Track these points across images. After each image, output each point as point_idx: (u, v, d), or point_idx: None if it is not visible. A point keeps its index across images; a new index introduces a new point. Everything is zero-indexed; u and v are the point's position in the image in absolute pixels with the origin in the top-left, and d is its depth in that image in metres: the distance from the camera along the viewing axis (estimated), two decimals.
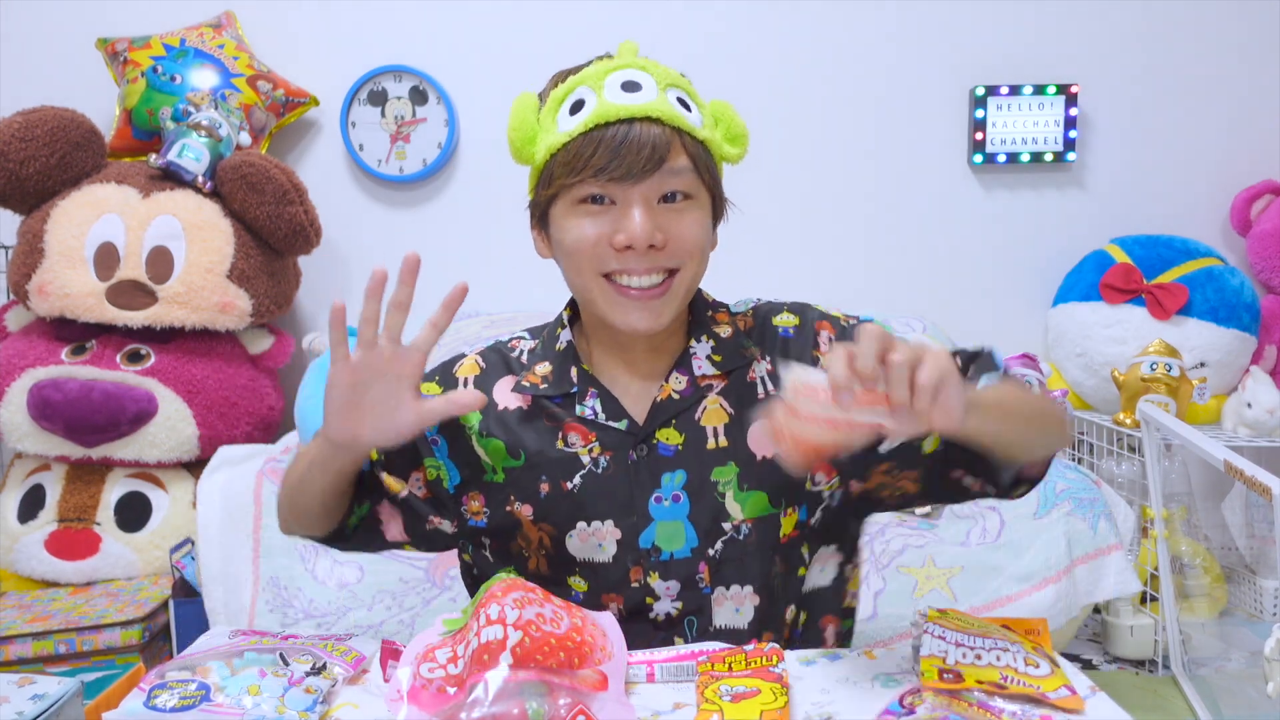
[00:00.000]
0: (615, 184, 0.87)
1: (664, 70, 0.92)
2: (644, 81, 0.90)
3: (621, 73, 0.90)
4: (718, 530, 0.94)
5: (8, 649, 1.72)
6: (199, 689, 0.75)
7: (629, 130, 0.87)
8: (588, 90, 0.90)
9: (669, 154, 0.87)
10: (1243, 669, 2.03)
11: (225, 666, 0.77)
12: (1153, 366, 2.19)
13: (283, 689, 0.75)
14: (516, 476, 0.97)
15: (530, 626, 0.75)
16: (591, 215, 0.90)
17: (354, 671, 0.81)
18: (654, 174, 0.87)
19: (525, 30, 2.53)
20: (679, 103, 0.90)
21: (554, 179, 0.90)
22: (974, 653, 0.76)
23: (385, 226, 2.58)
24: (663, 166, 0.87)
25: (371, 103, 2.52)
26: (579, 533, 0.95)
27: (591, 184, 0.88)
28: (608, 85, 0.89)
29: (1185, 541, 2.21)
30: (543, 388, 0.98)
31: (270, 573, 1.80)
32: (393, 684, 0.77)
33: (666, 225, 0.89)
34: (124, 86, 2.34)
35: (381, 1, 2.53)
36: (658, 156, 0.86)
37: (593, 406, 0.96)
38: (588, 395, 0.97)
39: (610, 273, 0.91)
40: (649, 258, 0.89)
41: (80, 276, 2.08)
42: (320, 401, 0.92)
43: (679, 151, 0.88)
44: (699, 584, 0.94)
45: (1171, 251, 2.42)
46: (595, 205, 0.90)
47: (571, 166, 0.88)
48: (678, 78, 0.93)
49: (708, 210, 0.93)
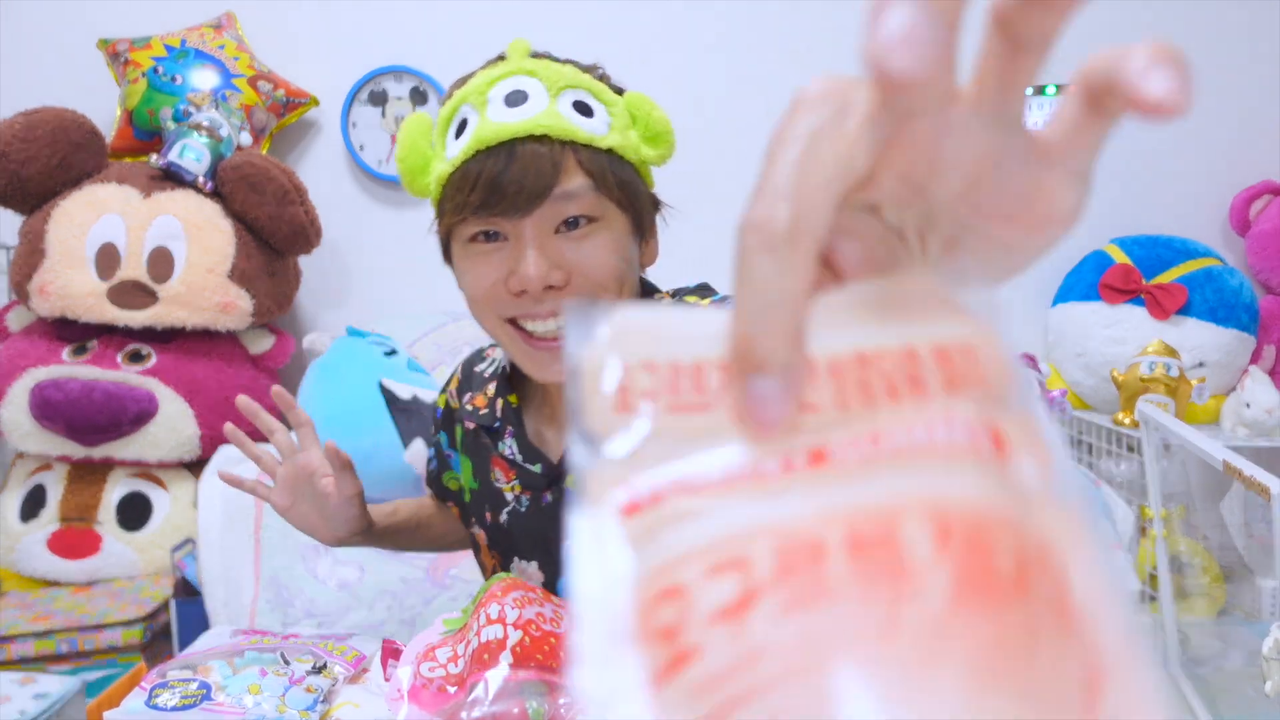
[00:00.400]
0: (501, 219, 0.76)
1: (557, 70, 0.79)
2: (531, 89, 0.77)
3: (506, 82, 0.78)
4: None
5: (10, 648, 1.72)
6: (200, 688, 0.75)
7: (510, 156, 0.74)
8: (470, 109, 0.78)
9: (558, 178, 0.75)
10: (1241, 668, 2.03)
11: (226, 666, 0.78)
12: (1152, 366, 2.20)
13: (283, 688, 0.75)
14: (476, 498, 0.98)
15: (530, 626, 0.75)
16: (484, 254, 0.79)
17: (354, 671, 0.82)
18: (542, 203, 0.75)
19: (525, 31, 2.52)
20: (576, 109, 0.77)
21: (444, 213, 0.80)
22: None
23: (386, 226, 2.58)
24: (551, 193, 0.75)
25: (372, 103, 2.52)
26: (516, 567, 0.93)
27: (474, 222, 0.78)
28: (491, 100, 0.77)
29: (1184, 541, 2.22)
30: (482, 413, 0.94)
31: (271, 572, 1.81)
32: (393, 683, 0.77)
33: (566, 259, 0.77)
34: (125, 87, 2.34)
35: (382, 2, 2.53)
36: (544, 184, 0.74)
37: (511, 446, 0.91)
38: (506, 433, 0.91)
39: (514, 318, 0.81)
40: (549, 300, 0.78)
41: (81, 277, 2.08)
42: (320, 401, 0.94)
43: (572, 171, 0.76)
44: None
45: (1171, 252, 2.43)
46: (487, 243, 0.79)
47: (454, 202, 0.77)
48: (575, 76, 0.80)
49: (622, 228, 0.80)
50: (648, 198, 0.84)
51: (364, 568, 1.86)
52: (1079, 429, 2.43)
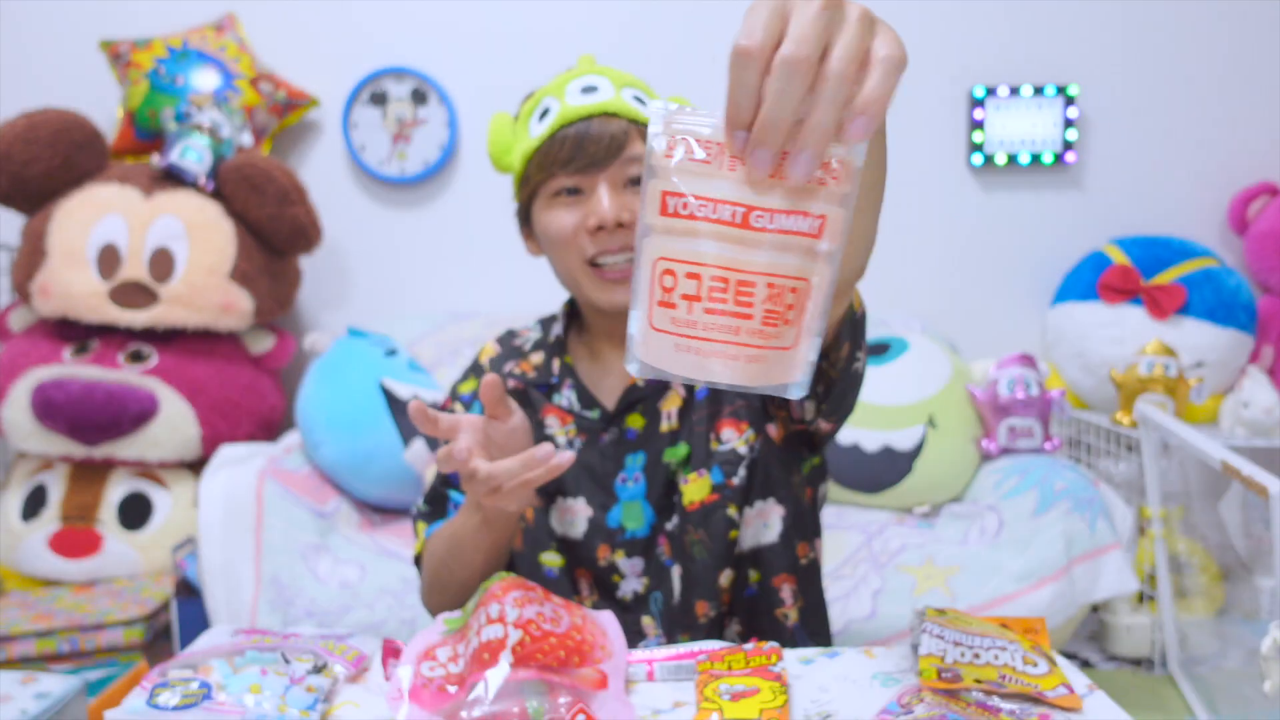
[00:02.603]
0: (581, 174, 0.97)
1: (619, 74, 1.02)
2: (600, 84, 1.00)
3: (580, 79, 1.01)
4: (672, 506, 1.01)
5: (11, 648, 1.72)
6: (200, 687, 0.75)
7: (588, 126, 0.97)
8: (551, 99, 1.00)
9: (627, 142, 0.97)
10: (1240, 667, 2.03)
11: (227, 665, 0.78)
12: (1150, 366, 2.20)
13: (284, 687, 0.75)
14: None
15: (530, 625, 0.75)
16: (566, 206, 0.99)
17: (355, 670, 0.82)
18: (615, 161, 0.96)
19: (525, 31, 2.54)
20: (635, 100, 1.00)
21: (530, 179, 1.00)
22: (972, 651, 0.77)
23: (386, 227, 2.59)
24: (622, 154, 0.96)
25: (373, 104, 2.53)
26: (559, 508, 1.04)
27: (562, 177, 0.98)
28: (569, 91, 0.99)
29: (1183, 541, 2.22)
30: (531, 376, 1.09)
31: (271, 572, 1.81)
32: (393, 683, 0.77)
33: (633, 204, 0.97)
34: (126, 88, 2.35)
35: (382, 3, 2.53)
36: (616, 145, 0.96)
37: (568, 397, 1.06)
38: (565, 386, 1.07)
39: (591, 258, 0.99)
40: (620, 236, 0.97)
41: (83, 277, 2.09)
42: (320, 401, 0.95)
43: (636, 141, 0.98)
44: (660, 557, 1.01)
45: (1169, 252, 2.43)
46: (569, 196, 0.99)
47: (542, 165, 0.98)
48: (632, 79, 1.03)
49: None
50: None
51: (364, 567, 1.87)
52: (1078, 429, 2.43)
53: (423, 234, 2.58)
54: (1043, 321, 2.60)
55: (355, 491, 2.10)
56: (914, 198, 2.59)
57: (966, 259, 2.61)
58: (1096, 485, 1.97)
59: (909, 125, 2.57)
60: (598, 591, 1.02)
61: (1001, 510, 1.95)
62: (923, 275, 2.60)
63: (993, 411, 2.17)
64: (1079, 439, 2.43)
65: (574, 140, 0.96)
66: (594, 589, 1.03)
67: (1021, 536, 1.86)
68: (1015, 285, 2.62)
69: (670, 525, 1.00)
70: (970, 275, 2.61)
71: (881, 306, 2.54)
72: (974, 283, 2.61)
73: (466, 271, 2.57)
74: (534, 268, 1.36)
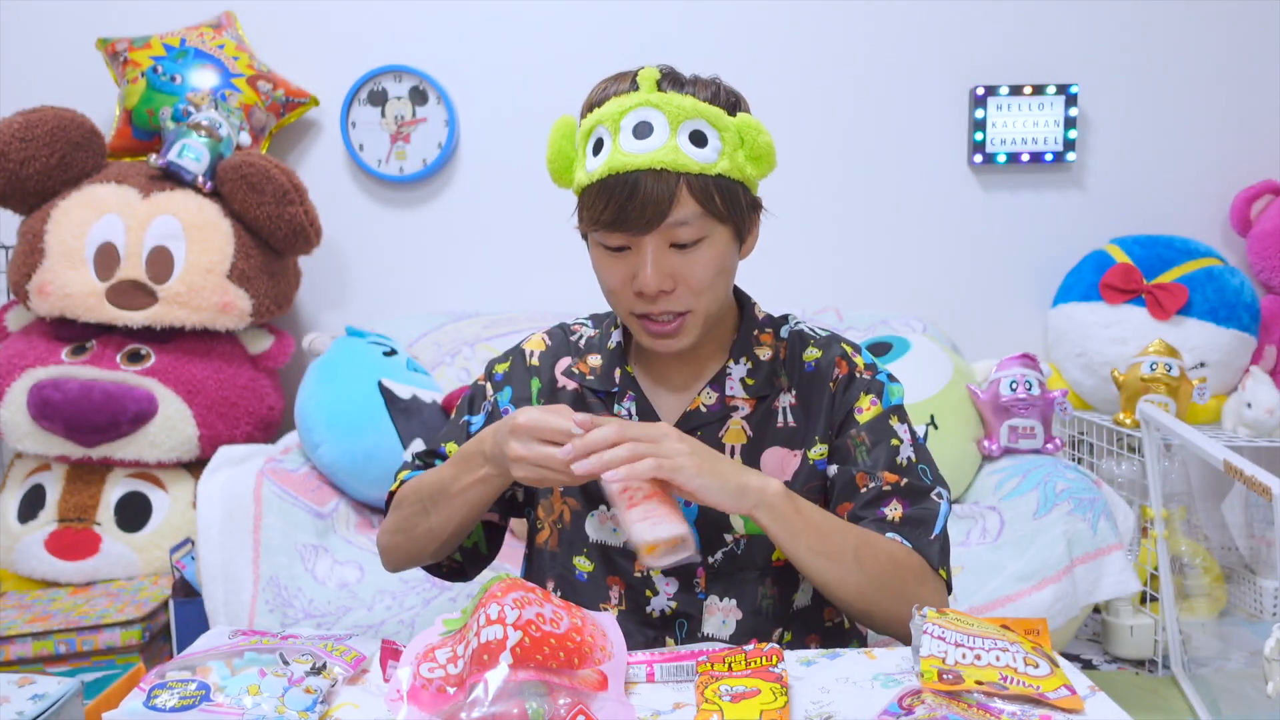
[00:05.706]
0: (626, 235, 0.95)
1: (679, 105, 0.94)
2: (656, 122, 0.93)
3: (635, 113, 0.94)
4: (719, 540, 1.01)
5: (8, 649, 1.72)
6: (199, 689, 0.75)
7: (636, 183, 0.92)
8: (605, 131, 0.95)
9: (671, 207, 0.93)
10: (1242, 669, 2.03)
11: (225, 666, 0.77)
12: (1152, 366, 2.20)
13: (283, 689, 0.75)
14: None
15: (530, 626, 0.75)
16: (614, 257, 0.98)
17: (354, 671, 0.82)
18: (657, 227, 0.93)
19: (525, 30, 2.53)
20: (692, 139, 0.93)
21: (582, 218, 0.99)
22: (974, 653, 0.76)
23: (385, 226, 2.58)
24: (665, 220, 0.93)
25: (371, 103, 2.52)
26: (600, 514, 1.04)
27: (606, 235, 0.96)
28: (623, 129, 0.93)
29: (1185, 541, 2.22)
30: (590, 379, 1.08)
31: (270, 572, 1.80)
32: (393, 684, 0.77)
33: (676, 270, 0.96)
34: (124, 87, 2.34)
35: (381, 2, 2.53)
36: (660, 212, 0.92)
37: (629, 408, 1.06)
38: (626, 397, 1.06)
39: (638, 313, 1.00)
40: (661, 302, 0.97)
41: (80, 276, 2.08)
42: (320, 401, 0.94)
43: (684, 201, 0.93)
44: (695, 588, 1.01)
45: (1171, 251, 2.42)
46: (616, 251, 0.98)
47: (588, 216, 0.96)
48: (694, 107, 0.94)
49: (724, 237, 0.98)
50: (748, 206, 1.00)
51: (363, 568, 1.86)
52: (1079, 429, 2.43)
53: (422, 233, 2.57)
54: (1044, 321, 2.60)
55: (354, 492, 2.09)
56: (915, 197, 2.59)
57: (967, 258, 2.60)
58: (1098, 486, 1.96)
59: (910, 125, 2.57)
60: (626, 602, 1.02)
61: (1003, 511, 1.95)
62: (924, 275, 2.60)
63: (994, 412, 2.16)
64: (1080, 439, 2.42)
65: (619, 203, 0.92)
66: (624, 599, 1.03)
67: (1023, 537, 1.85)
68: (1016, 285, 2.62)
69: (713, 559, 1.00)
70: (971, 275, 2.61)
71: (882, 306, 2.54)
72: (975, 282, 2.61)
73: (466, 271, 2.56)
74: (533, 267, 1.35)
